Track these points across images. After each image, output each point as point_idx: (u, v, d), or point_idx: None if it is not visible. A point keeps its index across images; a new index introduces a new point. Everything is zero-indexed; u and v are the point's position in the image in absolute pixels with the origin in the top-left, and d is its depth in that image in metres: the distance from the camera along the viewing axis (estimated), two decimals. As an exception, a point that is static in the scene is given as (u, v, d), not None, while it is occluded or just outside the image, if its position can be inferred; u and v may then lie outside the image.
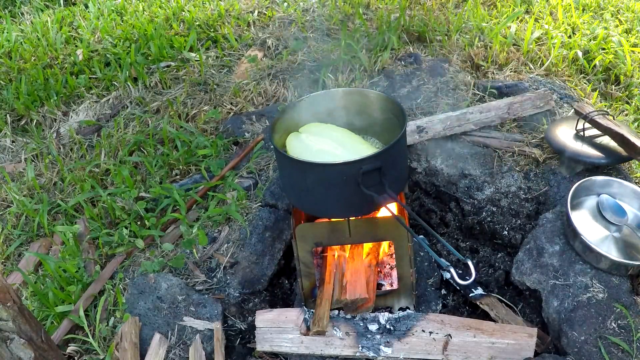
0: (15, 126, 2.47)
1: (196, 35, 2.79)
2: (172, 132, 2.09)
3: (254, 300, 1.60)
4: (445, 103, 1.99)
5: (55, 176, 2.08)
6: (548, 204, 1.66)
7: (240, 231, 1.65)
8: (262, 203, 1.73)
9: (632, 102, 2.09)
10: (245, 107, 2.23)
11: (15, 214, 1.94)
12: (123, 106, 2.44)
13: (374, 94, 1.49)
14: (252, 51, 2.65)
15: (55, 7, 3.63)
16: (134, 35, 2.91)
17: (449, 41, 2.39)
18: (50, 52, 2.90)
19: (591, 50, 2.32)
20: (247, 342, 1.54)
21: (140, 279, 1.53)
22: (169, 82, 2.51)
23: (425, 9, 2.73)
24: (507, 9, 2.68)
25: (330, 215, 1.41)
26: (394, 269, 1.58)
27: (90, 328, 1.46)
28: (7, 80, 2.74)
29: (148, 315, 1.47)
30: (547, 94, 1.92)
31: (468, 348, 1.37)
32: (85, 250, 1.72)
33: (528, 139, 1.81)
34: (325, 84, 2.25)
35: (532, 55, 2.29)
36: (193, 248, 1.61)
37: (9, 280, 1.69)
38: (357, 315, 1.45)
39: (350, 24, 2.75)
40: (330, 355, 1.41)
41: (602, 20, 2.61)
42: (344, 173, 1.22)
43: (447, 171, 1.79)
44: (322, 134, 1.45)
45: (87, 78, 2.64)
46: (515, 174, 1.74)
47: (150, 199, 1.83)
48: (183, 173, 1.98)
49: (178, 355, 1.41)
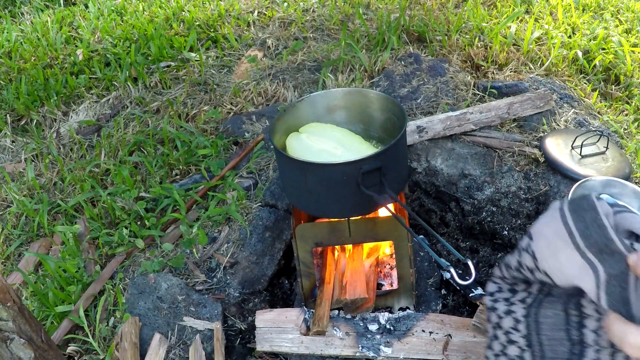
0: (15, 126, 2.47)
1: (196, 35, 2.79)
2: (172, 132, 2.09)
3: (254, 300, 1.60)
4: (445, 103, 1.99)
5: (55, 176, 2.08)
6: (548, 204, 1.66)
7: (240, 231, 1.65)
8: (262, 203, 1.73)
9: (632, 102, 2.09)
10: (245, 107, 2.23)
11: (15, 214, 1.94)
12: (123, 106, 2.44)
13: (374, 94, 1.49)
14: (252, 51, 2.65)
15: (55, 7, 3.63)
16: (134, 35, 2.91)
17: (449, 41, 2.40)
18: (50, 52, 2.90)
19: (591, 50, 2.32)
20: (247, 342, 1.54)
21: (140, 279, 1.53)
22: (169, 82, 2.51)
23: (425, 9, 2.73)
24: (507, 9, 2.68)
25: (330, 215, 1.41)
26: (394, 269, 1.58)
27: (90, 328, 1.47)
28: (7, 80, 2.74)
29: (148, 315, 1.47)
30: (547, 94, 1.92)
31: (468, 348, 1.37)
32: (85, 250, 1.72)
33: (528, 139, 1.81)
34: (325, 84, 2.25)
35: (532, 55, 2.29)
36: (193, 248, 1.61)
37: (9, 280, 1.69)
38: (357, 315, 1.45)
39: (350, 24, 2.76)
40: (330, 355, 1.41)
41: (602, 20, 2.61)
42: (344, 173, 1.22)
43: (447, 171, 1.79)
44: (322, 134, 1.44)
45: (87, 78, 2.64)
46: (515, 174, 1.74)
47: (150, 199, 1.83)
48: (183, 173, 1.98)
49: (178, 355, 1.41)
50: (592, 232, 0.66)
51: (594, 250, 0.65)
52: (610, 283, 0.62)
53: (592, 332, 0.69)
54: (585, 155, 1.67)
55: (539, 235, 0.70)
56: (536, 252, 0.68)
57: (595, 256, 0.65)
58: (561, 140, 1.73)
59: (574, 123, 1.89)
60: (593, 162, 1.65)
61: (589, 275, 0.64)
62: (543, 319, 0.74)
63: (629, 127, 1.93)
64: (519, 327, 0.77)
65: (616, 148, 1.71)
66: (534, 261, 0.69)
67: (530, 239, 0.70)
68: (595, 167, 1.63)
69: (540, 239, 0.69)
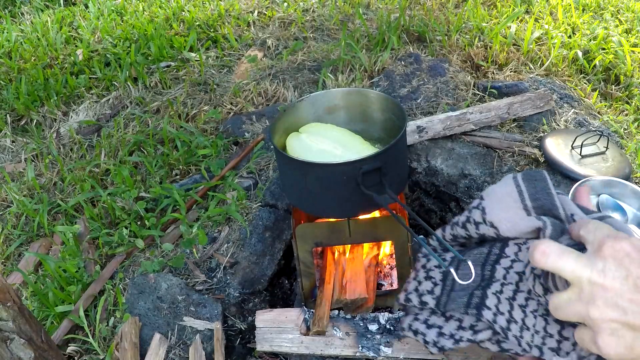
0: (15, 126, 2.47)
1: (196, 35, 2.79)
2: (172, 132, 2.09)
3: (254, 300, 1.60)
4: (445, 103, 1.99)
5: (55, 176, 2.08)
6: (548, 204, 1.66)
7: (240, 231, 1.65)
8: (262, 203, 1.73)
9: (632, 102, 2.09)
10: (245, 107, 2.23)
11: (15, 214, 1.94)
12: (123, 106, 2.44)
13: (374, 94, 1.49)
14: (252, 51, 2.65)
15: (55, 7, 3.63)
16: (134, 35, 2.91)
17: (449, 41, 2.40)
18: (50, 52, 2.90)
19: (591, 50, 2.32)
20: (247, 342, 1.54)
21: (140, 279, 1.53)
22: (169, 82, 2.51)
23: (425, 9, 2.73)
24: (507, 9, 2.68)
25: (330, 215, 1.41)
26: (394, 269, 1.58)
27: (90, 328, 1.47)
28: (7, 80, 2.74)
29: (148, 315, 1.47)
30: (547, 94, 1.92)
31: (468, 348, 1.36)
32: (85, 250, 1.72)
33: (528, 139, 1.81)
34: (325, 84, 2.25)
35: (532, 55, 2.29)
36: (193, 248, 1.61)
37: (9, 280, 1.69)
38: (357, 315, 1.45)
39: (350, 24, 2.76)
40: (330, 355, 1.41)
41: (602, 20, 2.61)
42: (344, 173, 1.22)
43: (447, 171, 1.79)
44: (322, 134, 1.44)
45: (87, 78, 2.64)
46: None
47: (150, 199, 1.83)
48: (183, 173, 1.98)
49: (178, 355, 1.41)
50: (541, 197, 0.74)
51: (539, 212, 0.73)
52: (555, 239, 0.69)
53: (503, 269, 0.75)
54: (585, 155, 1.67)
55: (491, 194, 0.79)
56: (486, 207, 0.75)
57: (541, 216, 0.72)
58: (561, 140, 1.74)
59: (574, 123, 1.89)
60: (593, 162, 1.65)
61: (537, 226, 0.71)
62: (466, 256, 0.80)
63: (629, 127, 1.93)
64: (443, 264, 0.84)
65: (616, 148, 1.71)
66: (483, 215, 0.75)
67: (482, 199, 0.78)
68: (595, 167, 1.63)
69: (492, 197, 0.78)
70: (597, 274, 0.54)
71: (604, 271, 0.54)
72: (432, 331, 0.82)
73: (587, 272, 0.55)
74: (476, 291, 0.75)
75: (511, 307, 0.71)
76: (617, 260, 0.54)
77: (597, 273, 0.54)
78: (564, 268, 0.57)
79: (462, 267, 0.80)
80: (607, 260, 0.54)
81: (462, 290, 0.78)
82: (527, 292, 0.72)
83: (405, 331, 0.89)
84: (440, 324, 0.81)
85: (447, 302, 0.79)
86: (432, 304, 0.81)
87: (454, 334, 0.78)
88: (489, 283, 0.75)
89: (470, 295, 0.76)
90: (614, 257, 0.54)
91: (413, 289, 0.87)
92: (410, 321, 0.87)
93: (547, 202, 0.73)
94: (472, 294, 0.76)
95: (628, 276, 0.53)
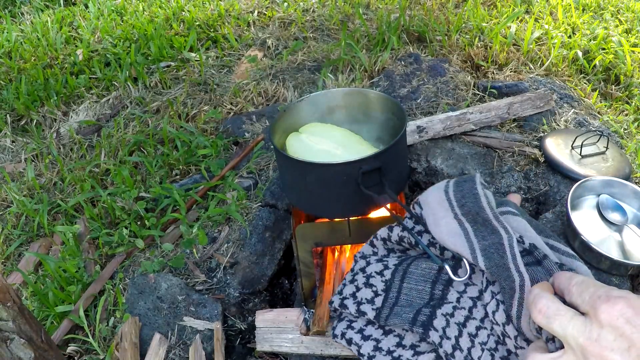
0: (15, 126, 2.47)
1: (196, 35, 2.79)
2: (172, 132, 2.09)
3: (254, 300, 1.60)
4: (445, 103, 1.99)
5: (55, 176, 2.08)
6: (548, 204, 1.66)
7: (240, 231, 1.65)
8: (262, 203, 1.73)
9: (632, 102, 2.09)
10: (245, 107, 2.23)
11: (15, 214, 1.94)
12: (123, 106, 2.44)
13: (374, 94, 1.49)
14: (252, 51, 2.65)
15: (55, 7, 3.63)
16: (134, 35, 2.91)
17: (449, 41, 2.40)
18: (50, 52, 2.91)
19: (591, 50, 2.32)
20: (247, 342, 1.54)
21: (140, 279, 1.53)
22: (169, 82, 2.51)
23: (425, 9, 2.73)
24: (507, 9, 2.68)
25: (330, 215, 1.41)
26: (394, 269, 1.57)
27: (90, 328, 1.47)
28: (7, 80, 2.74)
29: (148, 315, 1.47)
30: (547, 94, 1.92)
31: (468, 348, 1.36)
32: (85, 250, 1.72)
33: (528, 139, 1.81)
34: (325, 84, 2.25)
35: (532, 55, 2.29)
36: (193, 248, 1.62)
37: (9, 280, 1.69)
38: (357, 315, 1.44)
39: (350, 24, 2.76)
40: (330, 355, 1.41)
41: (602, 20, 2.61)
42: (344, 173, 1.22)
43: (447, 171, 1.79)
44: (322, 134, 1.44)
45: (87, 78, 2.64)
46: (515, 174, 1.74)
47: (150, 199, 1.83)
48: (183, 173, 1.98)
49: (178, 355, 1.41)
50: (467, 201, 0.72)
51: (469, 218, 0.70)
52: (488, 250, 0.66)
53: (456, 292, 0.72)
54: (585, 155, 1.67)
55: (425, 204, 0.76)
56: (427, 220, 0.74)
57: (470, 224, 0.70)
58: (561, 140, 1.74)
59: (574, 123, 1.89)
60: (593, 162, 1.65)
61: (462, 240, 0.68)
62: (414, 269, 0.77)
63: (629, 127, 1.93)
64: (385, 273, 0.79)
65: (616, 148, 1.71)
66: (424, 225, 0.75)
67: (421, 208, 0.76)
68: (595, 167, 1.63)
69: (427, 208, 0.75)
70: (593, 345, 0.49)
71: (598, 341, 0.49)
72: (369, 344, 0.77)
73: (582, 339, 0.50)
74: (424, 309, 0.71)
75: (459, 334, 0.67)
76: (617, 330, 0.48)
77: (593, 343, 0.49)
78: (558, 331, 0.53)
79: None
80: (604, 329, 0.49)
81: (409, 305, 0.74)
82: (479, 319, 0.68)
83: (337, 338, 0.85)
84: (377, 337, 0.76)
85: (390, 315, 0.73)
86: (372, 315, 0.76)
87: (393, 351, 0.72)
88: (440, 303, 0.70)
89: (417, 312, 0.71)
90: (611, 326, 0.49)
91: (349, 294, 0.82)
92: (344, 328, 0.83)
93: (473, 206, 0.71)
94: (419, 310, 0.71)
95: (630, 347, 0.47)
